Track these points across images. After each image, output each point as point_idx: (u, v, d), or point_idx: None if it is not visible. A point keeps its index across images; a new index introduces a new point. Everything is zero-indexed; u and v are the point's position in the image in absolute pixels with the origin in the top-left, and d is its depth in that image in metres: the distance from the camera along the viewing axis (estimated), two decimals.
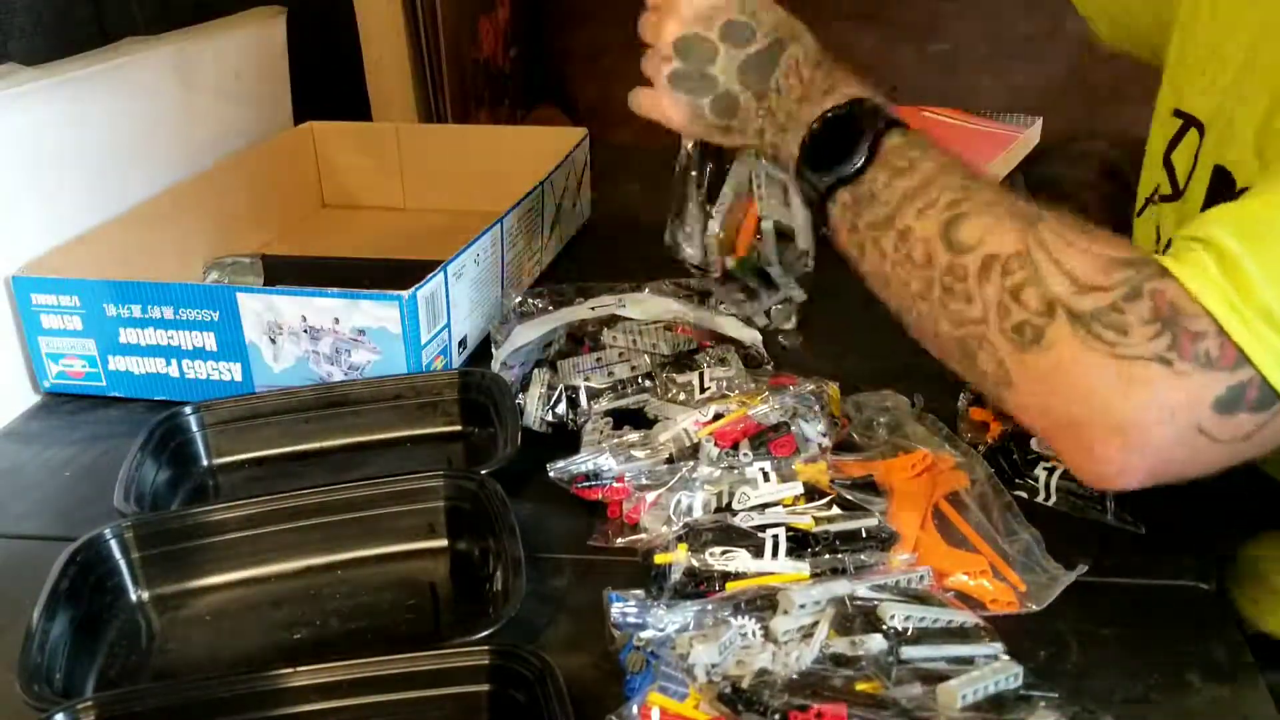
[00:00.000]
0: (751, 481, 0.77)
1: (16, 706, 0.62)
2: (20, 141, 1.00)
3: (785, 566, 0.70)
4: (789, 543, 0.71)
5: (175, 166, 1.20)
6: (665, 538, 0.73)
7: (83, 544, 0.72)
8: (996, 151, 1.43)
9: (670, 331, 0.97)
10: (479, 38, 1.73)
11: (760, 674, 0.60)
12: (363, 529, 0.77)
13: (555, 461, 0.80)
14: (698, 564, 0.70)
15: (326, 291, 0.93)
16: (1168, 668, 0.66)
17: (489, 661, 0.63)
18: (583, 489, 0.80)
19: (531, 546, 0.75)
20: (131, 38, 1.17)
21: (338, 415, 0.92)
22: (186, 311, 0.95)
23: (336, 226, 1.41)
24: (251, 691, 0.62)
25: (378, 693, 0.63)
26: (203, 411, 0.90)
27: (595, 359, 0.94)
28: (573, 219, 1.33)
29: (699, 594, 0.69)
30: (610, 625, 0.67)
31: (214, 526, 0.76)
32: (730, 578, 0.70)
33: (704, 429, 0.82)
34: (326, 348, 0.95)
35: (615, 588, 0.70)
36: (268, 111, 1.39)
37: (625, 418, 0.88)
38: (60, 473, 0.91)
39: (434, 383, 0.93)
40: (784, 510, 0.75)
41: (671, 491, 0.77)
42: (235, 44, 1.31)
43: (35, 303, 0.98)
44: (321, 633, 0.72)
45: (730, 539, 0.72)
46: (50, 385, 1.01)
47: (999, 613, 0.70)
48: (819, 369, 0.90)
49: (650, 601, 0.67)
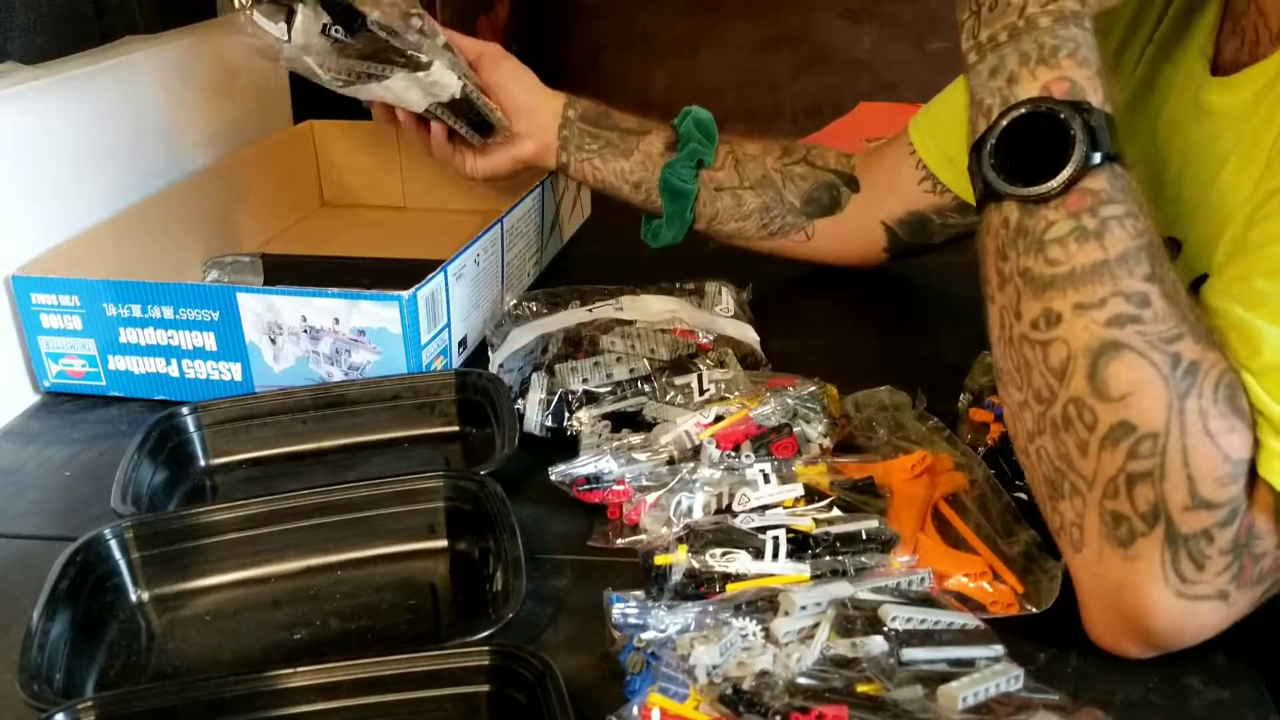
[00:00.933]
0: (752, 483, 0.76)
1: (16, 707, 0.62)
2: (20, 140, 1.00)
3: (786, 568, 0.70)
4: (789, 544, 0.71)
5: (175, 166, 1.20)
6: (665, 539, 0.73)
7: (82, 544, 0.72)
8: None
9: (668, 334, 0.97)
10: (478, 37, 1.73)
11: (761, 675, 0.60)
12: (363, 529, 0.77)
13: (556, 465, 0.80)
14: (698, 565, 0.70)
15: (326, 292, 0.93)
16: (1168, 671, 0.66)
17: (489, 662, 0.63)
18: (583, 492, 0.80)
19: (531, 547, 0.75)
20: (131, 37, 1.17)
21: (335, 416, 0.91)
22: (186, 311, 0.95)
23: (337, 225, 1.41)
24: (251, 691, 0.62)
25: (378, 693, 0.63)
26: (200, 412, 0.89)
27: (593, 363, 0.94)
28: (573, 219, 1.33)
29: (699, 595, 0.69)
30: (610, 626, 0.67)
31: (214, 527, 0.75)
32: (731, 579, 0.70)
33: (705, 430, 0.82)
34: (327, 348, 0.95)
35: (616, 589, 0.70)
36: (267, 111, 1.39)
37: (623, 420, 0.88)
38: (60, 472, 0.91)
39: (431, 383, 0.93)
40: (784, 512, 0.74)
41: (672, 493, 0.77)
42: (235, 44, 1.31)
43: (35, 302, 0.98)
44: (321, 633, 0.72)
45: (731, 540, 0.72)
46: (50, 385, 1.01)
47: (999, 615, 0.70)
48: (819, 369, 0.90)
49: (650, 603, 0.67)
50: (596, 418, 0.88)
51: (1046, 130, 0.63)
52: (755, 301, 1.07)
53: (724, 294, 1.06)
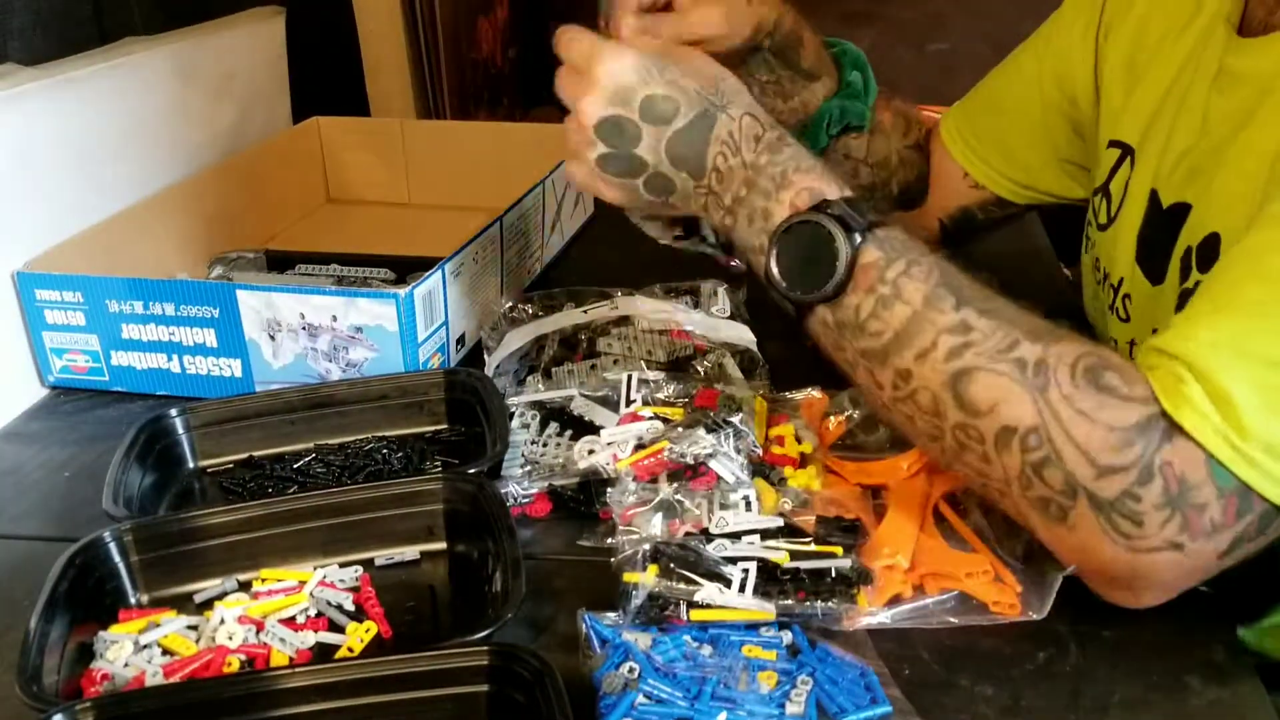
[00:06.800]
0: (734, 507, 0.76)
1: (16, 707, 0.62)
2: (20, 140, 1.00)
3: (751, 604, 0.69)
4: (758, 577, 0.70)
5: (174, 165, 1.21)
6: (638, 553, 0.72)
7: (82, 546, 0.72)
8: None
9: (665, 336, 0.97)
10: (477, 38, 1.73)
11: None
12: (363, 532, 0.77)
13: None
14: (663, 589, 0.69)
15: (324, 289, 0.93)
16: (1167, 670, 0.66)
17: (488, 662, 0.63)
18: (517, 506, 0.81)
19: (530, 548, 0.75)
20: (130, 38, 1.17)
21: (324, 416, 0.91)
22: (187, 308, 0.96)
23: (341, 222, 1.41)
24: (251, 691, 0.62)
25: (378, 693, 0.62)
26: (188, 414, 0.89)
27: (589, 365, 0.94)
28: (574, 218, 1.33)
29: (663, 618, 0.69)
30: (584, 644, 0.67)
31: (213, 530, 0.75)
32: (695, 606, 0.69)
33: (622, 462, 0.80)
34: (324, 345, 0.95)
35: (610, 590, 0.70)
36: (266, 112, 1.39)
37: (555, 413, 0.88)
38: (60, 473, 0.91)
39: (420, 382, 0.92)
40: (759, 541, 0.73)
41: (654, 510, 0.76)
42: (234, 44, 1.31)
43: (39, 298, 0.98)
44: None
45: (699, 568, 0.70)
46: (54, 380, 1.02)
47: (1001, 616, 0.70)
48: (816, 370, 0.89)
49: (620, 622, 0.68)
50: (526, 405, 0.88)
51: (812, 238, 0.70)
52: (751, 302, 1.07)
53: (720, 294, 1.05)
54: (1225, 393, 0.61)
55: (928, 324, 0.67)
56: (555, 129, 0.82)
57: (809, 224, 0.71)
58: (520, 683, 0.61)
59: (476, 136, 1.42)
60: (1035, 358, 0.65)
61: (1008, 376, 0.65)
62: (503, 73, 1.84)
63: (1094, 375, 0.64)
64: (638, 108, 0.75)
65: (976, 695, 0.65)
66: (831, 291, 0.70)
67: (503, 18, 1.82)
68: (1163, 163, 0.84)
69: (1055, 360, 0.65)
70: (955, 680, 0.66)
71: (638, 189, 0.78)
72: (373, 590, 0.74)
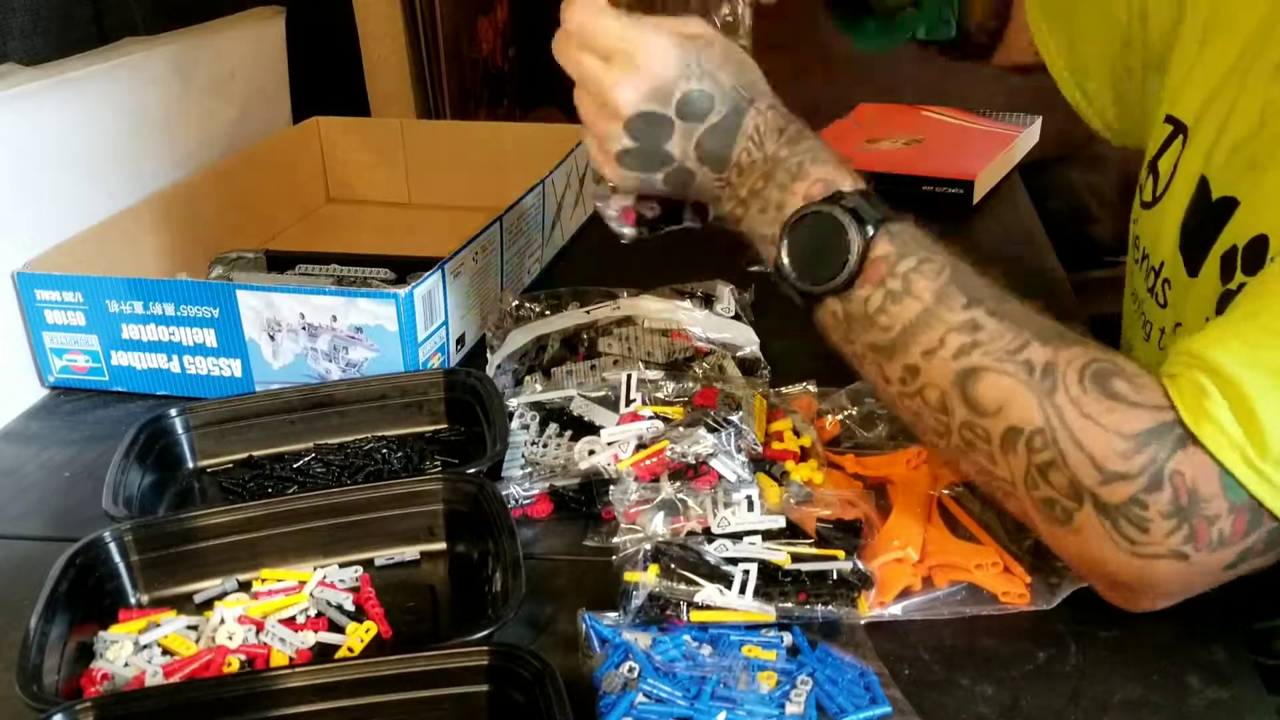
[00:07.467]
0: (737, 505, 0.76)
1: (16, 707, 0.62)
2: (20, 140, 1.00)
3: (751, 605, 0.69)
4: (759, 578, 0.70)
5: (175, 165, 1.20)
6: (639, 552, 0.72)
7: (82, 547, 0.72)
8: (996, 151, 1.43)
9: (666, 337, 0.97)
10: (478, 38, 1.73)
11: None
12: (363, 532, 0.77)
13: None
14: (663, 590, 0.69)
15: (324, 289, 0.93)
16: (1167, 670, 0.66)
17: (488, 662, 0.63)
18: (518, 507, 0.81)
19: (530, 548, 0.75)
20: (130, 38, 1.17)
21: (323, 416, 0.91)
22: (187, 308, 0.96)
23: (341, 222, 1.41)
24: (251, 691, 0.62)
25: (377, 693, 0.62)
26: (188, 413, 0.89)
27: (589, 366, 0.94)
28: (573, 218, 1.33)
29: (663, 618, 0.69)
30: (584, 644, 0.67)
31: (213, 530, 0.75)
32: (695, 607, 0.69)
33: (623, 462, 0.80)
34: (324, 345, 0.95)
35: (610, 590, 0.70)
36: (266, 112, 1.39)
37: (555, 413, 0.88)
38: (60, 473, 0.91)
39: (419, 382, 0.92)
40: (760, 541, 0.73)
41: (656, 508, 0.76)
42: (234, 44, 1.31)
43: (39, 298, 0.98)
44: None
45: (700, 569, 0.70)
46: (55, 380, 1.02)
47: (1010, 606, 0.70)
48: (818, 370, 0.90)
49: (621, 622, 0.68)
50: (526, 404, 0.88)
51: (825, 229, 0.70)
52: (757, 303, 1.07)
53: (725, 295, 1.05)
54: (1251, 408, 0.60)
55: (937, 321, 0.67)
56: (555, 129, 0.82)
57: (821, 214, 0.71)
58: (520, 683, 0.61)
59: (476, 136, 1.42)
60: (1044, 360, 0.65)
61: (1015, 378, 0.65)
62: (503, 73, 1.84)
63: (1103, 380, 0.64)
64: (674, 104, 0.74)
65: (976, 695, 0.65)
66: (842, 283, 0.70)
67: (503, 18, 1.82)
68: (1216, 149, 0.80)
69: (1064, 364, 0.64)
70: (955, 680, 0.66)
71: (655, 182, 0.77)
72: (373, 590, 0.74)
